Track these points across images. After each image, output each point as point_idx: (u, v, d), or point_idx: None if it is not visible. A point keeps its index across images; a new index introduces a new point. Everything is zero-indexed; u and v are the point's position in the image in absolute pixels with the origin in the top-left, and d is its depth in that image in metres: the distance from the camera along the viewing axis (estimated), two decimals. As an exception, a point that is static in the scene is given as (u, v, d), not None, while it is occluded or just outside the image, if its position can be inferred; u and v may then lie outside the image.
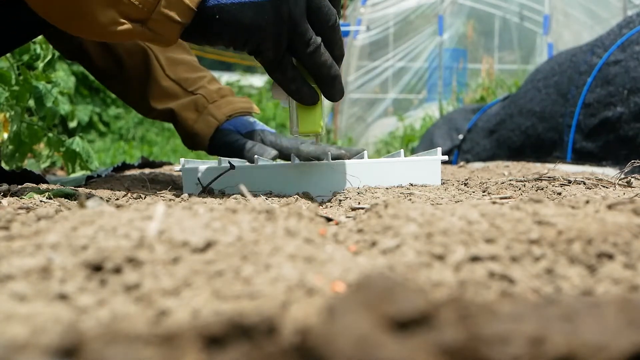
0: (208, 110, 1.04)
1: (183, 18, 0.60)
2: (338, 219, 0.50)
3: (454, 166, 2.00)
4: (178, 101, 1.06)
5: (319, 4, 0.65)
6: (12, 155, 1.41)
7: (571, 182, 0.78)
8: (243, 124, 1.03)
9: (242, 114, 1.05)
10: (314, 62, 0.66)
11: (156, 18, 0.60)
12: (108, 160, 4.18)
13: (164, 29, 0.61)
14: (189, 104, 1.05)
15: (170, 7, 0.59)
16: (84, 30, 0.61)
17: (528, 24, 5.14)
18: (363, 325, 0.18)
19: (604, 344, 0.16)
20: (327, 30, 0.66)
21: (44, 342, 0.18)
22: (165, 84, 1.06)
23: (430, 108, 4.82)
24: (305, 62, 0.67)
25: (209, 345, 0.18)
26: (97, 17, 0.58)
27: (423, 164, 0.82)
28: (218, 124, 1.02)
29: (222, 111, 1.04)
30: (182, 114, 1.05)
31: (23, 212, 0.47)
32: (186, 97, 1.06)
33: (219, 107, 1.04)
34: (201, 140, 1.04)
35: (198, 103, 1.05)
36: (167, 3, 0.59)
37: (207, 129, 1.03)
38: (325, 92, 0.70)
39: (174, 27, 0.61)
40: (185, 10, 0.60)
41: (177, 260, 0.28)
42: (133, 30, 0.60)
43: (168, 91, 1.06)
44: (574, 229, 0.33)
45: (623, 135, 1.40)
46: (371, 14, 5.69)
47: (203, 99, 1.05)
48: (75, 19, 0.59)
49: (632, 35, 1.49)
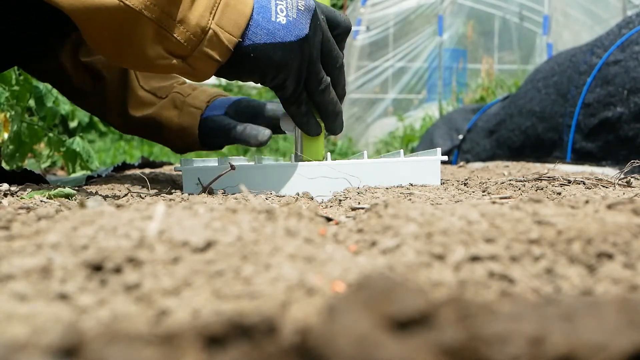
0: (187, 103, 1.06)
1: (221, 57, 0.67)
2: (338, 219, 0.50)
3: (454, 166, 2.00)
4: (154, 107, 1.08)
5: (330, 47, 0.73)
6: (12, 155, 1.41)
7: (571, 182, 0.78)
8: (222, 102, 1.05)
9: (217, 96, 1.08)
10: (323, 99, 0.75)
11: (197, 56, 0.66)
12: (108, 160, 4.18)
13: (202, 65, 0.67)
14: (166, 105, 1.08)
15: (211, 47, 0.65)
16: (131, 62, 0.67)
17: (528, 24, 5.14)
18: (363, 325, 0.18)
19: (604, 344, 0.16)
20: (334, 71, 0.75)
21: (44, 342, 0.18)
22: (141, 93, 1.08)
23: (430, 108, 4.82)
24: (315, 99, 0.75)
25: (209, 345, 0.18)
26: (146, 52, 0.64)
27: (423, 164, 0.82)
28: (201, 111, 1.04)
29: (200, 99, 1.06)
30: (164, 114, 1.07)
31: (23, 212, 0.47)
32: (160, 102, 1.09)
33: (195, 97, 1.07)
34: (190, 133, 1.06)
35: (175, 100, 1.07)
36: (208, 42, 0.65)
37: (192, 120, 1.05)
38: (328, 126, 0.80)
39: (212, 64, 0.67)
40: (224, 50, 0.66)
41: (177, 260, 0.28)
42: (175, 65, 0.66)
43: (144, 100, 1.08)
44: (574, 228, 0.33)
45: (623, 135, 1.40)
46: (371, 14, 5.69)
47: (178, 95, 1.07)
48: (125, 53, 0.65)
49: (631, 35, 1.49)
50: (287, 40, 0.68)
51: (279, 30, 0.68)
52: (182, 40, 0.64)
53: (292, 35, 0.68)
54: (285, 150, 5.10)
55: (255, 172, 0.83)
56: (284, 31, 0.68)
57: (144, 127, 1.10)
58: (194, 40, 0.65)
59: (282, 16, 0.68)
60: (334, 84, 0.76)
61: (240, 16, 0.66)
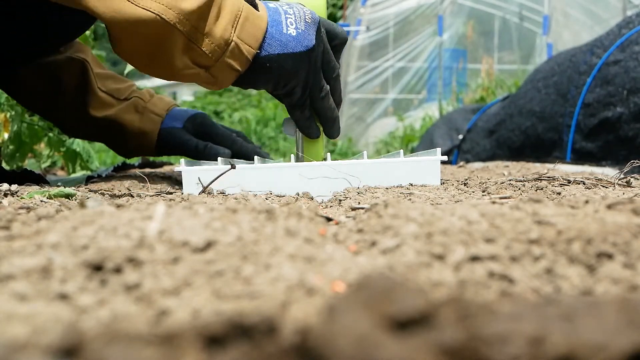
0: (148, 109, 1.12)
1: (241, 67, 0.73)
2: (338, 219, 0.50)
3: (454, 166, 2.00)
4: (115, 108, 1.11)
5: (329, 58, 0.80)
6: (12, 155, 1.41)
7: (571, 182, 0.78)
8: (180, 114, 1.13)
9: (173, 106, 1.16)
10: (323, 105, 0.82)
11: (219, 66, 0.72)
12: (108, 160, 4.18)
13: (224, 75, 0.73)
14: (127, 108, 1.12)
15: (232, 58, 0.72)
16: (160, 72, 0.73)
17: (528, 24, 5.14)
18: (363, 325, 0.18)
19: (604, 344, 0.16)
20: (332, 81, 0.82)
21: (44, 342, 0.18)
22: (100, 94, 1.11)
23: (430, 108, 4.82)
24: (316, 105, 0.82)
25: (209, 345, 0.18)
26: (174, 62, 0.70)
27: (423, 164, 0.82)
28: (161, 118, 1.11)
29: (159, 107, 1.13)
30: (125, 117, 1.11)
31: (23, 212, 0.47)
32: (120, 104, 1.12)
33: (155, 104, 1.13)
34: (150, 139, 1.11)
35: (137, 105, 1.12)
36: (230, 54, 0.71)
37: (153, 126, 1.11)
38: (326, 130, 0.87)
39: (232, 74, 0.74)
40: (244, 61, 0.73)
41: (177, 260, 0.28)
42: (199, 75, 0.72)
43: (104, 101, 1.11)
44: (574, 228, 0.33)
45: (622, 135, 1.40)
46: (371, 14, 5.68)
47: (139, 100, 1.12)
48: (155, 63, 0.71)
49: (631, 35, 1.49)
50: (297, 51, 0.74)
51: (290, 41, 0.74)
52: (207, 52, 0.69)
53: (302, 46, 0.75)
54: (285, 150, 5.10)
55: (255, 172, 0.83)
56: (294, 42, 0.74)
57: (103, 129, 1.13)
58: (217, 52, 0.70)
59: (292, 28, 0.74)
60: (331, 92, 0.83)
61: (258, 30, 0.72)
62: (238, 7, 0.71)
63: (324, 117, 0.84)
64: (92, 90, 1.10)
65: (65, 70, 1.09)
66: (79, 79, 1.10)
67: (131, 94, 1.13)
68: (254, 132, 5.92)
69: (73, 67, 1.10)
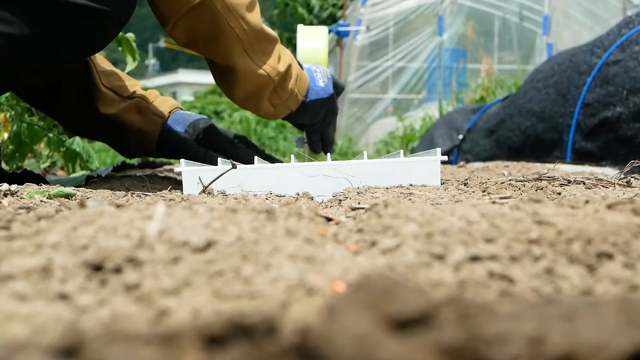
0: (150, 110, 1.13)
1: (294, 108, 1.07)
2: (338, 219, 0.50)
3: (454, 166, 2.00)
4: (118, 107, 1.12)
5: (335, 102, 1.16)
6: (12, 155, 1.41)
7: (571, 182, 0.78)
8: (183, 118, 1.16)
9: (177, 108, 1.17)
10: (328, 133, 1.18)
11: (282, 107, 1.06)
12: (108, 160, 4.18)
13: (282, 112, 1.07)
14: (130, 108, 1.12)
15: (291, 102, 1.05)
16: (251, 106, 1.06)
17: (528, 24, 5.13)
18: (363, 325, 0.18)
19: (604, 344, 0.16)
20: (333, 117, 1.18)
21: (44, 341, 0.18)
22: (104, 90, 1.12)
23: (430, 108, 4.81)
24: (325, 132, 1.18)
25: (209, 345, 0.18)
26: (262, 102, 1.04)
27: (423, 164, 0.82)
28: (163, 120, 1.14)
29: (162, 108, 1.14)
30: (127, 117, 1.12)
31: (23, 212, 0.47)
32: (123, 102, 1.12)
33: (158, 105, 1.15)
34: (150, 139, 1.13)
35: (139, 105, 1.13)
36: (291, 100, 1.05)
37: (154, 127, 1.13)
38: (325, 149, 1.21)
39: (288, 111, 1.07)
40: (297, 104, 1.07)
41: (177, 260, 0.28)
42: (269, 109, 1.05)
43: (107, 98, 1.12)
44: (574, 228, 0.33)
45: (622, 135, 1.40)
46: (371, 14, 5.68)
47: (142, 101, 1.13)
48: (250, 101, 1.03)
49: (631, 35, 1.49)
50: (324, 97, 1.10)
51: (320, 91, 1.09)
52: (282, 97, 1.03)
53: (326, 94, 1.10)
54: (285, 150, 5.10)
55: (256, 173, 0.83)
56: (322, 92, 1.09)
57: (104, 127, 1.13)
58: (285, 98, 1.04)
59: (320, 82, 1.09)
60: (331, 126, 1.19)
61: (305, 84, 1.07)
62: (297, 69, 1.05)
63: (326, 140, 1.19)
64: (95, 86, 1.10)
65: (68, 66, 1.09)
66: (81, 75, 1.09)
67: (135, 93, 1.14)
68: (254, 132, 5.92)
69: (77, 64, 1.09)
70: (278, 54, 1.00)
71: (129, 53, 1.42)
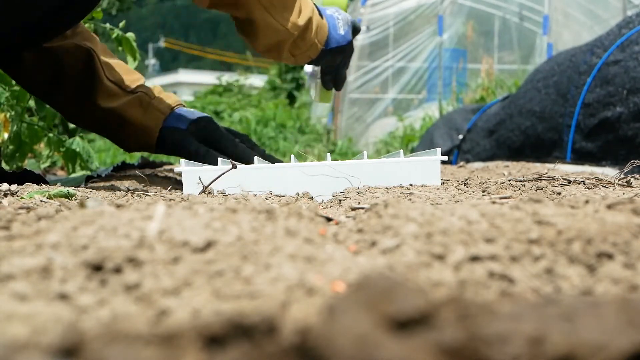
0: (152, 105, 1.12)
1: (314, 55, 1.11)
2: (338, 219, 0.50)
3: (454, 166, 2.00)
4: (120, 101, 1.11)
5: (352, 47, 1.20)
6: (12, 155, 1.41)
7: (571, 182, 0.78)
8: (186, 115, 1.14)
9: (180, 105, 1.16)
10: (342, 73, 1.23)
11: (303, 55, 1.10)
12: (108, 160, 4.18)
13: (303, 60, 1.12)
14: (133, 102, 1.11)
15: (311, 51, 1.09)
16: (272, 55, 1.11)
17: (528, 24, 5.13)
18: (363, 325, 0.18)
19: (604, 344, 0.16)
20: (348, 60, 1.22)
21: (44, 341, 0.18)
22: (107, 83, 1.11)
23: (430, 108, 4.81)
24: (339, 73, 1.22)
25: (209, 345, 0.18)
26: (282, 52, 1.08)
27: (423, 164, 0.82)
28: (164, 116, 1.12)
29: (165, 104, 1.13)
30: (128, 112, 1.11)
31: (23, 212, 0.47)
32: (126, 96, 1.12)
33: (161, 101, 1.13)
34: (150, 135, 1.11)
35: (142, 100, 1.11)
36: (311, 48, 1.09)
37: (155, 122, 1.11)
38: (337, 87, 1.26)
39: (308, 59, 1.12)
40: (316, 52, 1.11)
41: (177, 260, 0.28)
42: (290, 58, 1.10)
43: (110, 91, 1.11)
44: (574, 228, 0.33)
45: (622, 135, 1.40)
46: (371, 14, 5.68)
47: (145, 95, 1.12)
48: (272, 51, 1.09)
49: (631, 35, 1.49)
50: (344, 44, 1.13)
51: (339, 38, 1.13)
52: (302, 48, 1.08)
53: (345, 41, 1.14)
54: (285, 150, 5.10)
55: (256, 173, 0.83)
56: (342, 39, 1.13)
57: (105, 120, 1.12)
58: (305, 49, 1.08)
59: (341, 29, 1.13)
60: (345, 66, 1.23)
61: (324, 33, 1.10)
62: (317, 20, 1.08)
63: (339, 79, 1.24)
64: (98, 79, 1.09)
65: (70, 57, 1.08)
66: (83, 67, 1.09)
67: (138, 88, 1.12)
68: (254, 132, 5.92)
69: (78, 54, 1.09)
70: (299, 7, 1.03)
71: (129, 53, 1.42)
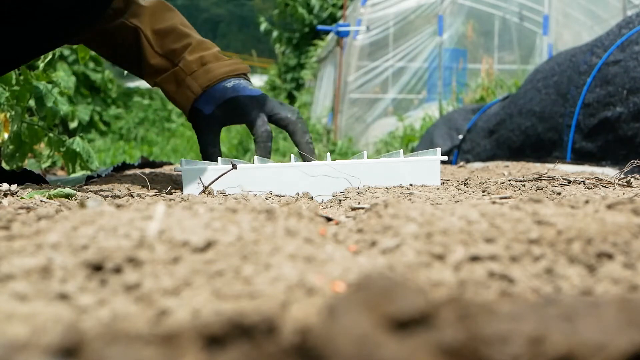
0: (185, 83, 1.09)
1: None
2: (338, 219, 0.50)
3: (454, 166, 2.00)
4: (160, 77, 1.12)
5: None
6: (12, 155, 1.41)
7: (571, 182, 0.78)
8: (218, 93, 1.09)
9: (221, 79, 1.10)
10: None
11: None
12: (108, 160, 4.18)
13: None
14: (169, 77, 1.11)
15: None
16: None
17: (528, 24, 5.13)
18: (363, 325, 0.18)
19: (604, 344, 0.16)
20: None
21: (44, 341, 0.18)
22: (153, 61, 1.11)
23: (430, 108, 4.81)
24: None
25: (209, 344, 0.18)
26: None
27: (423, 164, 0.82)
28: (194, 96, 1.09)
29: (198, 82, 1.09)
30: (165, 86, 1.12)
31: (23, 212, 0.47)
32: (165, 73, 1.12)
33: (195, 78, 1.10)
34: (183, 109, 1.12)
35: (178, 75, 1.10)
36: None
37: (185, 101, 1.10)
38: None
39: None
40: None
41: (177, 260, 0.28)
42: None
43: (157, 67, 1.11)
44: (574, 228, 0.33)
45: (622, 135, 1.40)
46: (371, 14, 5.68)
47: (181, 71, 1.10)
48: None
49: (631, 35, 1.49)
50: None
51: None
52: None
53: None
54: (285, 150, 5.10)
55: (256, 173, 0.83)
56: None
57: None
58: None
59: None
60: None
61: None
62: None
63: None
64: (145, 59, 1.10)
65: (118, 38, 1.10)
66: (132, 48, 1.11)
67: (180, 61, 1.10)
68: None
69: (126, 34, 1.10)
70: None
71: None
